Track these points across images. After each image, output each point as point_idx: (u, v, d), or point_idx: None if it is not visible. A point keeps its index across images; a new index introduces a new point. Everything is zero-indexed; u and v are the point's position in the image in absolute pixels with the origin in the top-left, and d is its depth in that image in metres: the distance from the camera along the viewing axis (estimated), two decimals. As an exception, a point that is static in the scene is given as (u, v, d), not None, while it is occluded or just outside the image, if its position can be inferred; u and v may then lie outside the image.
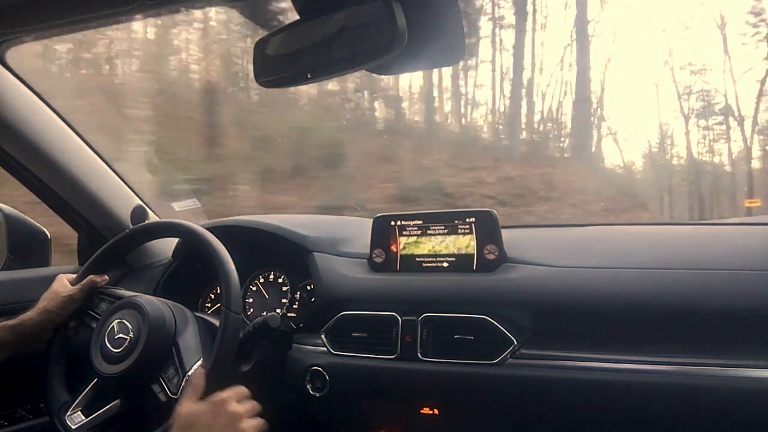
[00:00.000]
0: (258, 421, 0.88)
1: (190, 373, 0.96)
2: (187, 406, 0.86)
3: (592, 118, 15.45)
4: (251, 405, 0.90)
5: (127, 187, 1.49)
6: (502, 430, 1.08)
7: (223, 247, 1.04)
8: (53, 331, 1.09)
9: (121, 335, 0.99)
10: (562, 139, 15.48)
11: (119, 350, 0.98)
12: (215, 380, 0.91)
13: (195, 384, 0.89)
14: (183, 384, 0.95)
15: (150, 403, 0.97)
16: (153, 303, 1.03)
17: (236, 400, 0.88)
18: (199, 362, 0.98)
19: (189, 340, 1.02)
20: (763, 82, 16.27)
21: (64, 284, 1.11)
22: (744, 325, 0.92)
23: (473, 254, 1.15)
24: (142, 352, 0.97)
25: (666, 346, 0.94)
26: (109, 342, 1.00)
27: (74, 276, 1.14)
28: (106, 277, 1.15)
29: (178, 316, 1.04)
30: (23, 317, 1.05)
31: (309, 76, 0.67)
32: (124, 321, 1.01)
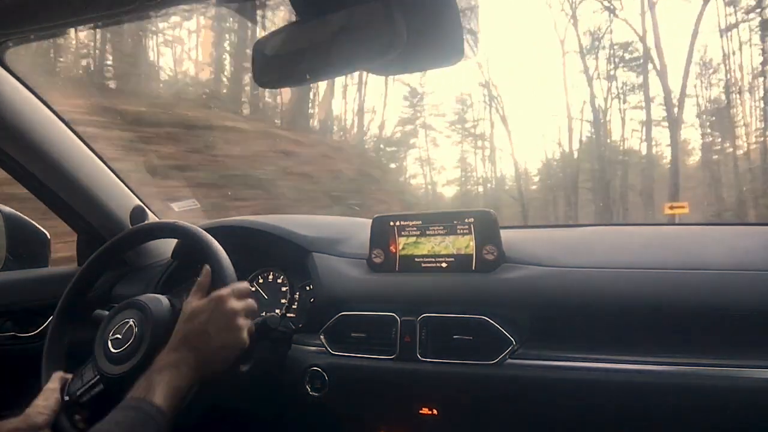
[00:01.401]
0: (249, 322, 0.95)
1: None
2: (192, 302, 0.94)
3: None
4: (248, 302, 0.96)
5: (126, 188, 1.50)
6: (501, 431, 1.08)
7: (222, 248, 1.04)
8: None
9: (125, 333, 0.99)
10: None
11: (125, 348, 0.98)
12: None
13: (201, 281, 0.99)
14: None
15: None
16: (150, 297, 1.04)
17: (236, 296, 0.94)
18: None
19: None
20: (694, 36, 11.67)
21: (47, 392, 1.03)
22: (744, 325, 0.92)
23: (472, 254, 1.15)
24: (148, 349, 0.96)
25: (666, 346, 0.94)
26: (113, 344, 1.00)
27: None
28: (69, 376, 1.07)
29: (176, 302, 1.05)
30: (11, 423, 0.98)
31: (308, 76, 0.67)
32: (127, 321, 1.01)
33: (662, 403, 0.92)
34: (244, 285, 0.98)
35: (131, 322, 1.00)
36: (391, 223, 1.23)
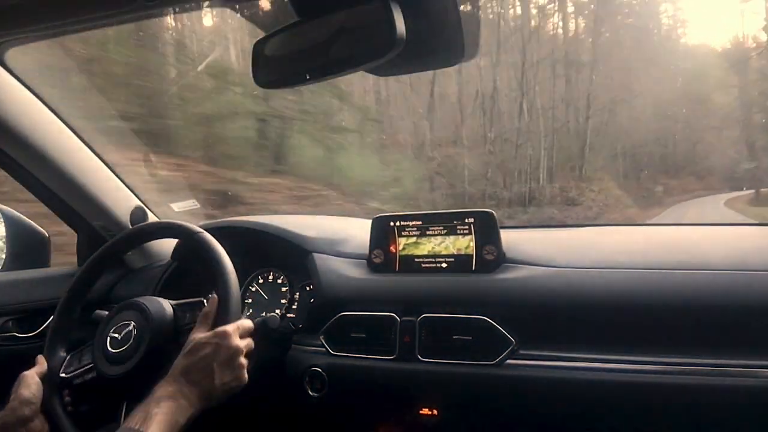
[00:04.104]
0: (246, 361, 0.95)
1: (206, 301, 1.01)
2: (198, 334, 0.93)
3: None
4: (249, 342, 0.97)
5: (126, 188, 1.49)
6: (501, 431, 1.08)
7: (222, 249, 1.04)
8: (52, 409, 1.01)
9: (124, 333, 0.99)
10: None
11: (124, 348, 0.98)
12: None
13: (207, 311, 0.97)
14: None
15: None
16: (149, 298, 1.04)
17: (240, 334, 0.95)
18: (212, 295, 1.02)
19: (183, 301, 1.06)
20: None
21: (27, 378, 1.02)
22: (743, 325, 0.92)
23: (472, 255, 1.15)
24: (150, 341, 0.97)
25: (666, 346, 0.94)
26: (111, 343, 1.00)
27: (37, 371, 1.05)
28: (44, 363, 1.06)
29: (173, 302, 1.05)
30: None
31: (308, 77, 0.67)
32: (126, 322, 1.01)
33: (662, 403, 0.92)
34: (249, 323, 0.98)
35: (131, 324, 1.00)
36: (391, 224, 1.23)
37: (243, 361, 0.93)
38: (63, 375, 1.05)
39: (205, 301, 1.04)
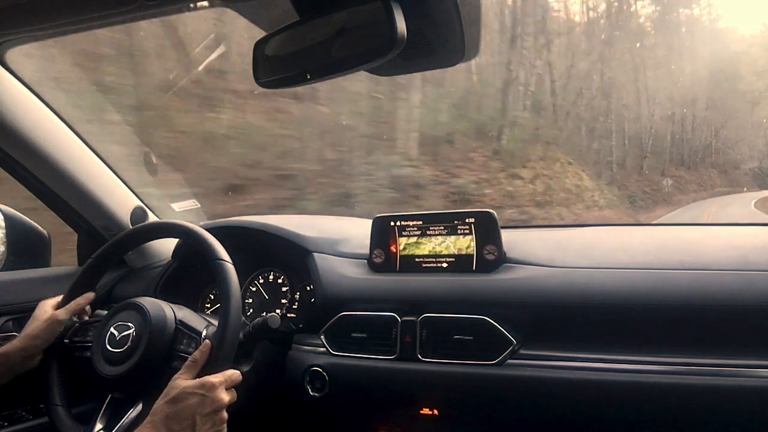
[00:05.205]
0: (226, 415, 0.92)
1: (204, 334, 0.99)
2: (183, 380, 0.89)
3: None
4: (233, 394, 0.94)
5: (126, 188, 1.50)
6: (501, 431, 1.08)
7: (223, 249, 1.04)
8: (46, 373, 1.05)
9: (123, 335, 0.99)
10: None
11: (121, 350, 0.98)
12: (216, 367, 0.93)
13: (196, 358, 0.92)
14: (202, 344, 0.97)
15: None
16: (152, 302, 1.04)
17: (226, 386, 0.92)
18: (210, 328, 1.01)
19: (189, 316, 1.05)
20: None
21: (45, 310, 1.08)
22: (743, 325, 0.92)
23: (473, 255, 1.15)
24: (146, 350, 0.96)
25: (666, 346, 0.94)
26: (110, 344, 0.99)
27: (57, 300, 1.11)
28: (92, 295, 1.13)
29: (178, 312, 1.04)
30: (5, 348, 1.03)
31: (308, 76, 0.67)
32: (124, 322, 1.01)
33: (662, 403, 0.92)
34: (237, 375, 0.95)
35: (130, 325, 1.00)
36: (392, 223, 1.23)
37: (224, 415, 0.90)
38: (66, 341, 1.07)
39: (204, 332, 1.01)
